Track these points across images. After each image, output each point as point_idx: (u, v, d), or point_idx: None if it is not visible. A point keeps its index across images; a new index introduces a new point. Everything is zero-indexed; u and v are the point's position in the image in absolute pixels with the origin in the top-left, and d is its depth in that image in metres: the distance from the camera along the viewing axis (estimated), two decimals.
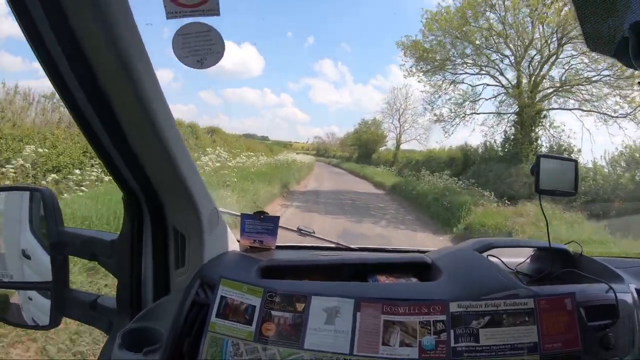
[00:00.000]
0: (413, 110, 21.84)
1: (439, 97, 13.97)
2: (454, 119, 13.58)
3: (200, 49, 0.65)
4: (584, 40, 0.47)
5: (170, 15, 0.64)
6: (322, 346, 0.67)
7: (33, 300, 0.95)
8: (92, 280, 2.90)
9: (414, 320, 0.70)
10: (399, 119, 24.20)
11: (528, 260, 1.04)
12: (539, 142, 11.86)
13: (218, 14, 0.64)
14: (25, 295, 0.95)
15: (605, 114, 10.80)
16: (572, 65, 11.19)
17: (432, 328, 0.70)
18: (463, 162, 13.70)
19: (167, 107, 0.67)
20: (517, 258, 1.03)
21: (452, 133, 13.82)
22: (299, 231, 1.07)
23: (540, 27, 11.06)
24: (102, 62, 0.58)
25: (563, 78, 11.48)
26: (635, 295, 0.81)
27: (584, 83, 11.07)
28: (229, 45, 0.68)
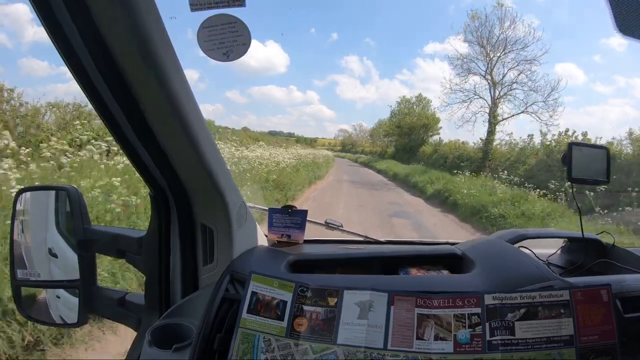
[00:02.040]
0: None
1: None
2: None
3: (226, 41, 0.64)
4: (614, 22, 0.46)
5: (195, 7, 0.63)
6: (356, 341, 0.66)
7: (61, 298, 0.96)
8: None
9: (449, 313, 0.69)
10: (491, 69, 13.42)
11: (559, 251, 1.02)
12: None
13: (244, 5, 0.63)
14: (53, 293, 0.96)
15: None
16: None
17: (466, 321, 0.68)
18: None
19: (195, 102, 0.66)
20: (548, 249, 1.01)
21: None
22: (327, 224, 1.06)
23: None
24: (127, 56, 0.57)
25: None
26: None
27: None
28: (252, 43, 0.66)
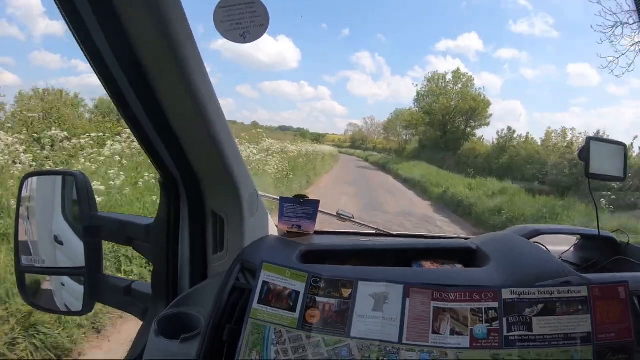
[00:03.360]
0: None
1: None
2: None
3: (244, 21, 0.62)
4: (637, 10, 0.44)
5: None
6: (370, 334, 0.64)
7: (66, 286, 0.94)
8: None
9: (465, 307, 0.67)
10: None
11: (572, 248, 1.00)
12: None
13: None
14: (58, 281, 0.95)
15: None
16: None
17: (483, 316, 0.66)
18: None
19: (211, 86, 0.64)
20: (561, 246, 1.00)
21: None
22: (339, 216, 1.04)
23: None
24: (144, 40, 0.55)
25: None
26: None
27: None
28: (263, 37, 0.64)
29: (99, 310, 2.59)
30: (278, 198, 0.94)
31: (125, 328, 2.71)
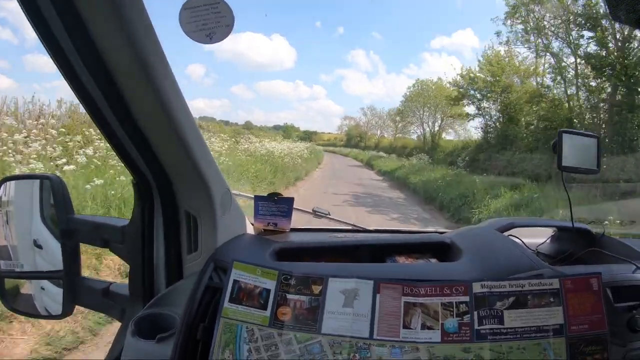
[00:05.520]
0: None
1: None
2: None
3: (209, 22, 0.62)
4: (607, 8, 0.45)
5: None
6: (340, 330, 0.65)
7: (45, 289, 0.94)
8: None
9: (436, 301, 0.67)
10: None
11: (548, 240, 1.01)
12: None
13: None
14: (38, 285, 0.95)
15: None
16: None
17: (454, 310, 0.67)
18: None
19: (178, 88, 0.65)
20: (537, 239, 1.00)
21: None
22: (314, 213, 1.05)
23: None
24: (109, 42, 0.56)
25: None
26: None
27: None
28: (257, 37, 0.65)
29: None
30: (252, 197, 0.95)
31: None
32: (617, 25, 10.20)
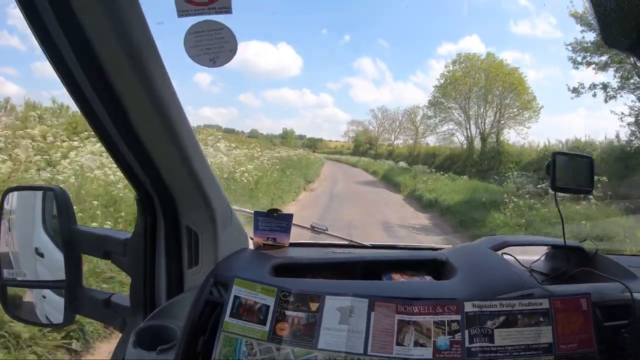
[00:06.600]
0: None
1: None
2: None
3: (213, 47, 0.64)
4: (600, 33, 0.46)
5: (182, 13, 0.63)
6: (336, 346, 0.67)
7: (47, 298, 0.96)
8: None
9: (429, 320, 0.69)
10: None
11: (542, 258, 1.03)
12: None
13: (230, 12, 0.63)
14: (39, 293, 0.96)
15: None
16: None
17: (446, 328, 0.69)
18: None
19: (180, 106, 0.67)
20: (532, 256, 1.02)
21: None
22: (312, 228, 1.07)
23: None
24: (113, 61, 0.58)
25: None
26: None
27: None
28: (264, 46, 0.67)
29: None
30: (252, 212, 0.97)
31: None
32: None
